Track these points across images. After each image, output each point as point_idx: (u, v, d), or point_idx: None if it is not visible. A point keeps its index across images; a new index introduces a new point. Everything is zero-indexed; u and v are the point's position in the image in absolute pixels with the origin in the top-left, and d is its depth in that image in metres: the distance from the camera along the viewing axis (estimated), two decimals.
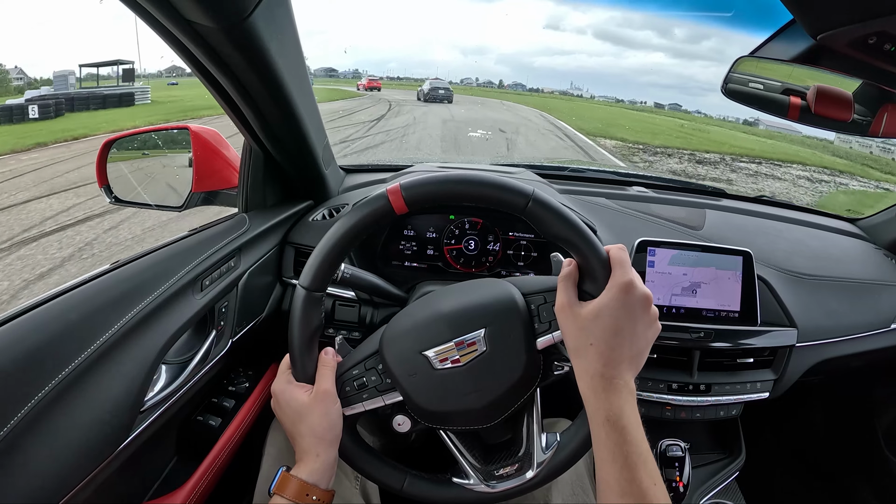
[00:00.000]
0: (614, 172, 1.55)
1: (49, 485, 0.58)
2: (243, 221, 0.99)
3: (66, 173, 7.77)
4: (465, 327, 0.68)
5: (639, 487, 0.55)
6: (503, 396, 0.67)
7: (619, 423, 0.58)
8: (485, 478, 0.70)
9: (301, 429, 0.68)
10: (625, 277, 0.61)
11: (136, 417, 0.70)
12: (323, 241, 0.67)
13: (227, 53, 0.74)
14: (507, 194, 0.63)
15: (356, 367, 0.71)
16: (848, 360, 1.19)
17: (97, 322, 0.66)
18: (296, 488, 0.64)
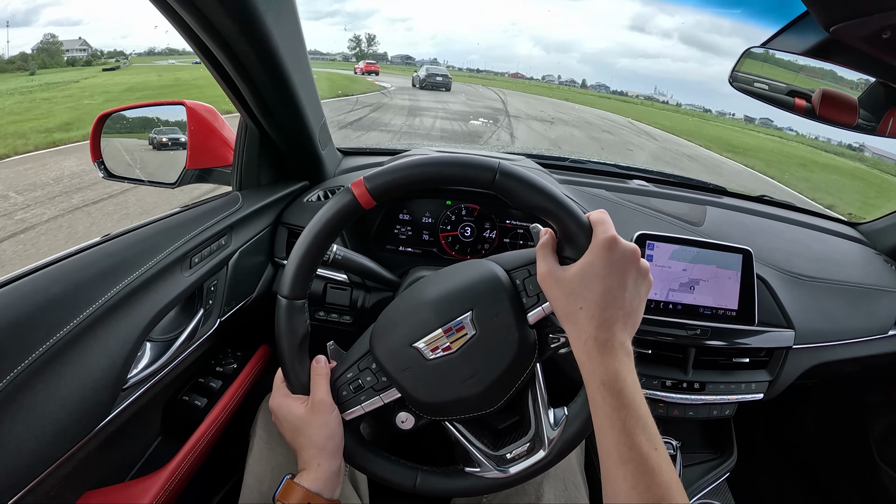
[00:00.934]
0: (615, 165, 1.53)
1: (27, 460, 0.56)
2: (236, 199, 0.97)
3: None
4: (451, 312, 0.65)
5: (638, 453, 0.52)
6: (502, 378, 0.65)
7: (615, 387, 0.55)
8: (497, 463, 0.68)
9: (301, 441, 0.66)
10: (607, 234, 0.59)
11: (118, 395, 0.69)
12: (296, 247, 0.65)
13: (220, 23, 0.72)
14: (473, 170, 0.61)
15: (350, 370, 0.69)
16: (843, 365, 1.17)
17: (81, 296, 0.64)
18: (299, 497, 0.63)
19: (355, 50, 74.01)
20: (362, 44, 73.88)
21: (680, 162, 10.62)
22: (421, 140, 9.19)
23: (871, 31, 0.85)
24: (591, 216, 0.61)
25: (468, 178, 0.62)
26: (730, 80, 1.04)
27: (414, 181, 0.63)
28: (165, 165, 1.08)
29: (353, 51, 74.63)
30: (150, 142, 1.10)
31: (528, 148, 2.20)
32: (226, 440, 0.99)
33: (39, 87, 13.87)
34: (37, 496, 0.59)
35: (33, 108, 10.45)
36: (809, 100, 1.07)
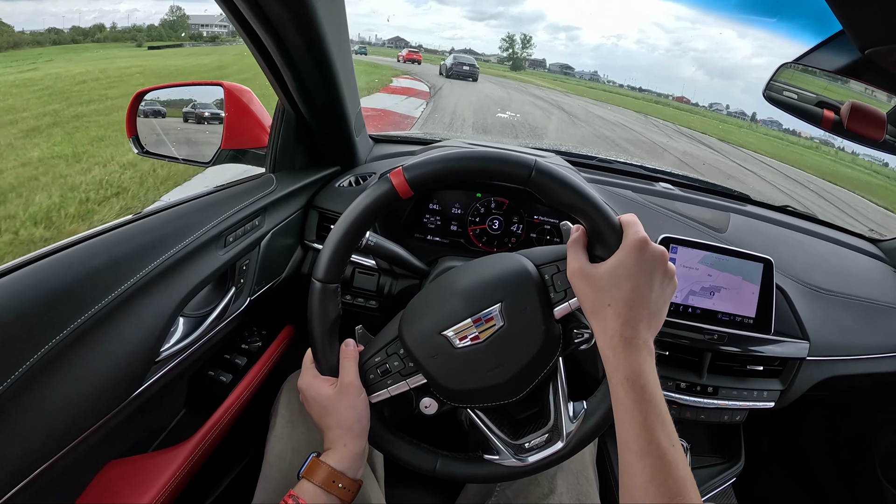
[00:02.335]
0: (641, 167, 1.52)
1: (63, 427, 0.57)
2: (270, 181, 0.97)
3: None
4: (481, 303, 0.66)
5: (657, 448, 0.53)
6: (526, 369, 0.66)
7: (637, 382, 0.56)
8: (515, 452, 0.69)
9: (328, 422, 0.68)
10: (638, 235, 0.60)
11: (150, 367, 0.70)
12: (332, 232, 0.66)
13: (272, 11, 0.72)
14: (510, 166, 0.62)
15: (378, 355, 0.70)
16: (855, 380, 1.17)
17: (120, 270, 0.65)
18: (324, 475, 0.64)
19: (508, 51, 70.24)
20: (516, 45, 69.45)
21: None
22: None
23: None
24: (621, 218, 0.62)
25: (505, 173, 0.62)
26: (764, 95, 1.04)
27: (452, 174, 0.63)
28: (200, 144, 1.09)
29: (506, 52, 70.64)
30: (186, 118, 1.11)
31: (556, 144, 2.22)
32: (247, 416, 1.00)
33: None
34: (67, 462, 0.60)
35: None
36: (838, 112, 1.07)
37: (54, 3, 77.19)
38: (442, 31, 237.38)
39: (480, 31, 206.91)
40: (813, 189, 10.46)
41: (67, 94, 9.78)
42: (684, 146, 13.07)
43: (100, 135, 6.66)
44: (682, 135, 15.89)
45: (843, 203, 9.25)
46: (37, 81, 11.55)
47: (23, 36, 31.97)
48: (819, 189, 10.67)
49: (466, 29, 39.09)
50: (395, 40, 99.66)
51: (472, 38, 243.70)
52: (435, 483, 0.95)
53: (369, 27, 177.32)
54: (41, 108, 8.42)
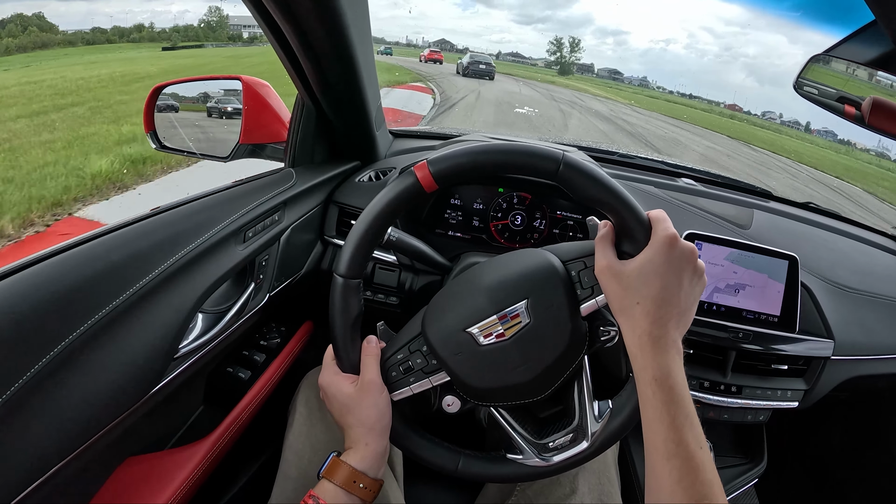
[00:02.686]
0: (663, 162, 1.50)
1: (81, 424, 0.57)
2: (290, 176, 0.97)
3: None
4: (507, 300, 0.65)
5: (685, 450, 0.52)
6: (551, 367, 0.65)
7: (666, 383, 0.55)
8: (539, 451, 0.68)
9: (349, 420, 0.66)
10: (668, 231, 0.58)
11: (168, 364, 0.69)
12: (355, 226, 0.64)
13: (295, 2, 0.71)
14: (537, 160, 0.60)
15: (400, 352, 0.69)
16: (878, 380, 1.15)
17: (139, 265, 0.64)
18: (345, 475, 0.63)
19: (555, 55, 67.90)
20: (564, 48, 67.26)
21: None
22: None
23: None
24: (650, 214, 0.61)
25: (532, 167, 0.61)
26: (794, 86, 1.03)
27: (478, 167, 0.62)
28: (218, 139, 1.09)
29: (554, 55, 68.32)
30: (209, 112, 1.11)
31: (578, 139, 2.17)
32: (266, 413, 1.00)
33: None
34: (85, 459, 0.59)
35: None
36: (859, 107, 1.05)
37: (107, 4, 78.82)
38: (489, 35, 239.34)
39: (528, 35, 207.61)
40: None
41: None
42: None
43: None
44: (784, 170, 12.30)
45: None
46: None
47: (52, 36, 32.41)
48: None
49: (514, 33, 38.56)
50: (441, 42, 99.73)
51: (519, 41, 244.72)
52: (454, 483, 0.94)
53: (416, 29, 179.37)
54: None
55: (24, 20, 49.10)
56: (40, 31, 34.15)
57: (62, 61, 19.59)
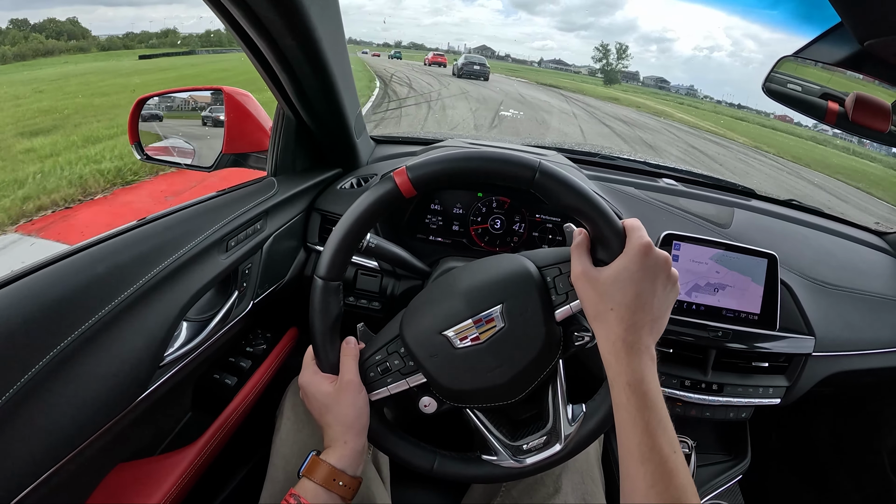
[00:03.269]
0: (644, 163, 1.52)
1: (69, 431, 0.58)
2: (272, 185, 0.98)
3: None
4: (482, 304, 0.66)
5: (659, 454, 0.54)
6: (526, 371, 0.66)
7: (640, 388, 0.56)
8: (513, 453, 0.70)
9: (328, 419, 0.68)
10: (642, 240, 0.60)
11: (154, 372, 0.71)
12: (335, 230, 0.66)
13: (266, 16, 0.73)
14: (513, 168, 0.62)
15: (378, 353, 0.70)
16: (861, 375, 1.16)
17: (123, 276, 0.66)
18: (325, 473, 0.65)
19: (601, 62, 64.79)
20: (610, 55, 64.36)
21: None
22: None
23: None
24: (625, 223, 0.62)
25: (508, 174, 0.62)
26: (763, 85, 1.04)
27: (455, 174, 0.63)
28: (202, 149, 1.10)
29: (599, 62, 65.22)
30: (205, 121, 1.12)
31: (558, 142, 2.19)
32: (253, 419, 1.01)
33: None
34: (75, 465, 0.61)
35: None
36: (842, 104, 1.06)
37: (154, 9, 79.24)
38: (531, 42, 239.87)
39: (571, 43, 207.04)
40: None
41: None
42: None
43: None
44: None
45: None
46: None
47: (56, 43, 32.44)
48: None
49: (556, 40, 37.88)
50: (482, 49, 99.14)
51: (561, 48, 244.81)
52: (440, 484, 0.95)
53: (459, 36, 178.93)
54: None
55: (56, 25, 49.13)
56: (46, 39, 34.16)
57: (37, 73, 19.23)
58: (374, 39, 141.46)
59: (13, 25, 45.53)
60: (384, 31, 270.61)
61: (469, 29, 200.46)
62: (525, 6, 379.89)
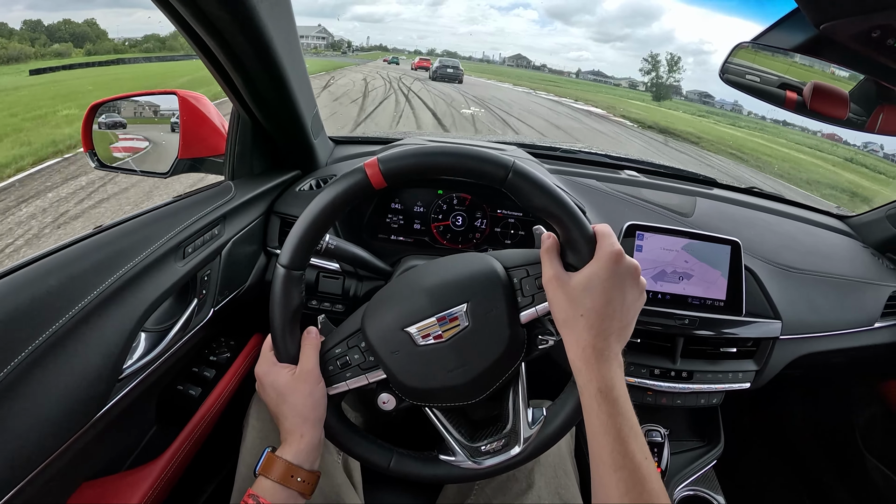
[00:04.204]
0: (606, 155, 1.54)
1: (26, 452, 0.57)
2: (229, 189, 0.97)
3: None
4: (447, 302, 0.66)
5: (632, 461, 0.54)
6: (488, 372, 0.66)
7: (610, 395, 0.57)
8: (471, 454, 0.70)
9: (284, 409, 0.67)
10: (613, 247, 0.60)
11: (114, 385, 0.69)
12: (301, 218, 0.65)
13: (214, 13, 0.71)
14: (487, 166, 0.62)
15: (339, 346, 0.70)
16: (830, 356, 1.19)
17: (77, 287, 0.64)
18: (281, 469, 0.64)
19: (650, 74, 60.20)
20: (660, 66, 59.78)
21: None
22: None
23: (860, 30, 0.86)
24: (596, 228, 0.63)
25: (481, 172, 0.62)
26: (720, 74, 1.05)
27: (427, 168, 0.63)
28: (157, 155, 1.08)
29: (648, 74, 60.58)
30: (173, 128, 1.10)
31: (519, 138, 2.13)
32: (220, 429, 1.00)
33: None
34: (35, 488, 0.59)
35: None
36: (801, 93, 1.08)
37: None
38: (567, 52, 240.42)
39: (606, 54, 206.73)
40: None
41: None
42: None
43: None
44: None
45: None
46: None
47: (28, 49, 31.47)
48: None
49: (591, 51, 36.75)
50: (517, 58, 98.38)
51: (597, 60, 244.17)
52: (413, 486, 0.95)
53: (494, 45, 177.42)
54: None
55: (71, 27, 47.48)
56: (18, 43, 33.06)
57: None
58: (409, 47, 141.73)
59: (26, 27, 44.17)
60: (420, 39, 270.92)
61: (504, 38, 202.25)
62: (561, 16, 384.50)
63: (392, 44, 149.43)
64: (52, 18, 46.13)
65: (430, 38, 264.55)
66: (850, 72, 1.04)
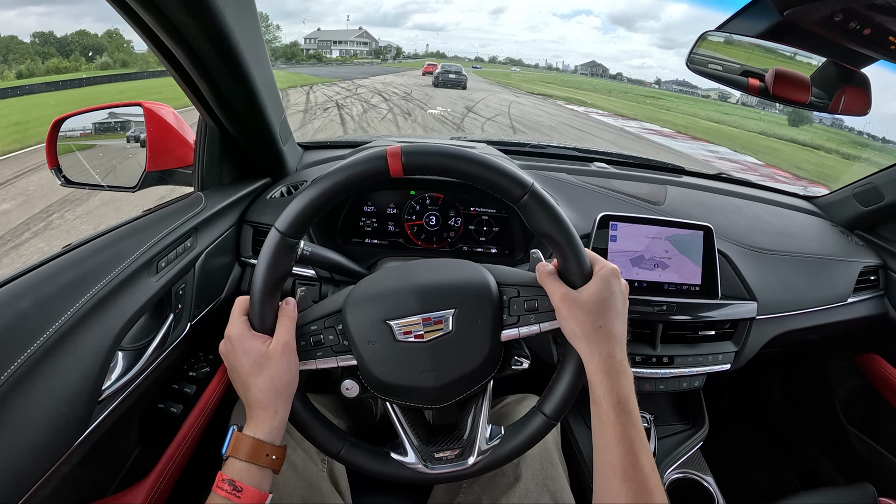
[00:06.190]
0: (575, 149, 1.57)
1: (10, 479, 0.56)
2: (199, 200, 0.97)
3: None
4: (436, 304, 0.67)
5: (641, 472, 0.57)
6: (459, 380, 0.67)
7: (627, 407, 0.60)
8: (423, 457, 0.70)
9: (258, 381, 0.63)
10: (610, 265, 0.65)
11: (94, 408, 0.69)
12: (310, 188, 0.62)
13: (180, 21, 0.71)
14: (506, 181, 0.62)
15: (315, 323, 0.69)
16: (806, 333, 1.23)
17: (50, 309, 0.63)
18: (254, 448, 0.62)
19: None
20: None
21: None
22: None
23: (823, 15, 0.89)
24: (589, 255, 0.66)
25: (498, 186, 0.62)
26: (687, 62, 1.08)
27: (447, 169, 0.63)
28: (125, 169, 1.07)
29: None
30: (129, 140, 1.09)
31: (487, 135, 2.11)
32: (205, 444, 1.00)
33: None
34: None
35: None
36: (763, 79, 1.11)
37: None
38: (630, 60, 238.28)
39: (670, 61, 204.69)
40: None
41: None
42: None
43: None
44: None
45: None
46: None
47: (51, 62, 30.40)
48: None
49: (655, 58, 35.48)
50: (591, 65, 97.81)
51: (661, 67, 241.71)
52: (402, 490, 0.96)
53: (556, 53, 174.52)
54: None
55: (85, 39, 45.51)
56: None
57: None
58: (470, 55, 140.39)
59: (37, 39, 42.26)
60: (482, 47, 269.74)
61: (566, 46, 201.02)
62: (624, 22, 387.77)
63: (453, 52, 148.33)
64: (70, 29, 44.27)
65: (491, 47, 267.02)
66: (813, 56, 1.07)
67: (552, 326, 0.66)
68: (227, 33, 0.76)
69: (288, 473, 0.82)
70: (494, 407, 0.99)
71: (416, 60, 77.56)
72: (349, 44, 77.67)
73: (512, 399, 0.99)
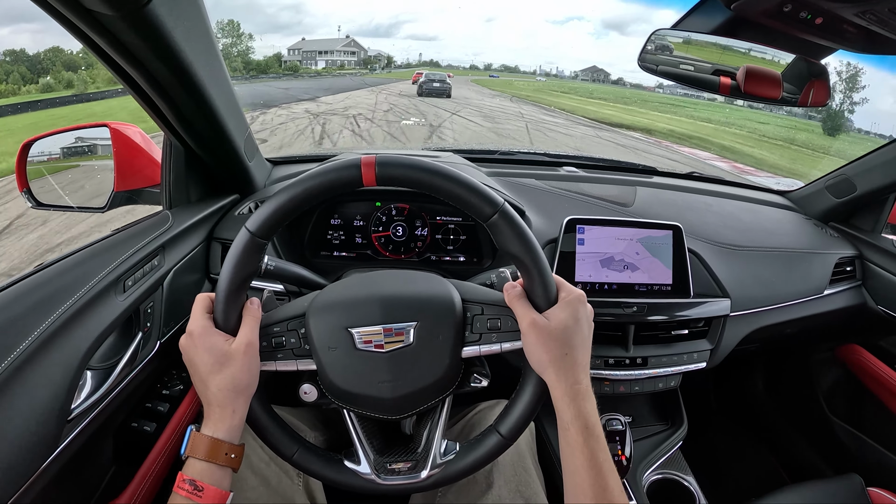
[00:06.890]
0: (545, 154, 1.59)
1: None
2: (166, 218, 0.97)
3: None
4: (398, 315, 0.68)
5: (610, 495, 0.60)
6: (416, 394, 0.68)
7: (595, 431, 0.62)
8: (377, 468, 0.71)
9: (218, 380, 0.63)
10: (576, 291, 0.67)
11: (63, 427, 0.69)
12: (283, 192, 0.63)
13: (130, 42, 0.71)
14: (476, 199, 0.63)
15: (278, 325, 0.70)
16: (782, 328, 1.24)
17: (17, 329, 0.64)
18: (212, 448, 0.62)
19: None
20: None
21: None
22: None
23: (772, 6, 0.90)
24: (556, 280, 0.67)
25: (468, 203, 0.63)
26: (638, 62, 1.09)
27: (419, 183, 0.63)
28: (94, 189, 1.08)
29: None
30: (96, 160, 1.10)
31: (456, 144, 2.11)
32: (181, 461, 1.00)
33: None
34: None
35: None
36: (734, 77, 1.12)
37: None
38: (623, 65, 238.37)
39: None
40: None
41: None
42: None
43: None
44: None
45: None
46: None
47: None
48: None
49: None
50: (591, 70, 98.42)
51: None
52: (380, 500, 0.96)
53: (550, 59, 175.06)
54: None
55: (61, 56, 44.84)
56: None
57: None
58: (464, 63, 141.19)
59: (6, 57, 41.81)
60: (475, 55, 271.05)
61: (559, 51, 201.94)
62: (617, 26, 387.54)
63: (447, 60, 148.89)
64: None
65: (485, 54, 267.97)
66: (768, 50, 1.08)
67: (514, 347, 0.68)
68: (178, 52, 0.76)
69: (261, 489, 0.83)
70: (468, 413, 1.00)
71: (408, 70, 78.28)
72: (335, 53, 77.05)
73: (485, 405, 1.00)
